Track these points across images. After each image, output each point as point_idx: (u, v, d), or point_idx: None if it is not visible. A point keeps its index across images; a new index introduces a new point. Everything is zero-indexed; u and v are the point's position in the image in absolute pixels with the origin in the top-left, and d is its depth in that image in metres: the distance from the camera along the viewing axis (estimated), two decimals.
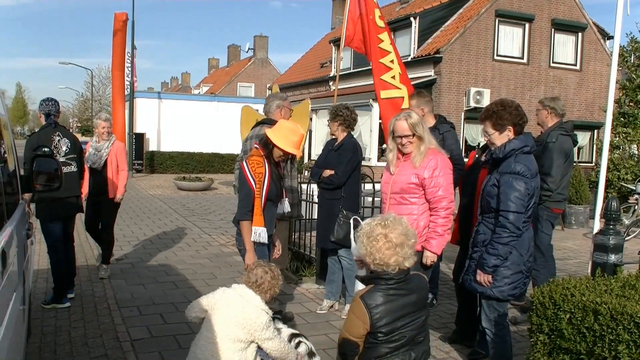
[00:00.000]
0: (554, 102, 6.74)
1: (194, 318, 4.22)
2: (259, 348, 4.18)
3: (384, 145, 5.50)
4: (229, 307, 4.12)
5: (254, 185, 4.80)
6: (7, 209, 3.56)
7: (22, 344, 3.78)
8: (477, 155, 5.63)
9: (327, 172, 6.39)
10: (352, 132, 6.58)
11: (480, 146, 5.80)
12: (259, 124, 6.53)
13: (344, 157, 6.35)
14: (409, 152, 4.79)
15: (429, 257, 4.78)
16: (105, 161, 7.78)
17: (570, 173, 6.75)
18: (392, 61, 8.37)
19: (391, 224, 3.11)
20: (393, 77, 8.20)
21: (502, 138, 4.50)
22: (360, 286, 3.36)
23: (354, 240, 3.84)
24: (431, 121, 6.69)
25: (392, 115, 7.16)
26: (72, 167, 6.74)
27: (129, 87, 27.51)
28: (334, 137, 6.63)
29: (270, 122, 6.16)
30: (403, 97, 8.16)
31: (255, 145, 5.10)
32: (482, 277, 4.40)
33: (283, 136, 4.92)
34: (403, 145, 4.80)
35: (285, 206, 5.30)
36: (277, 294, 4.35)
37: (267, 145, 4.98)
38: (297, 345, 4.40)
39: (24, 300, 4.22)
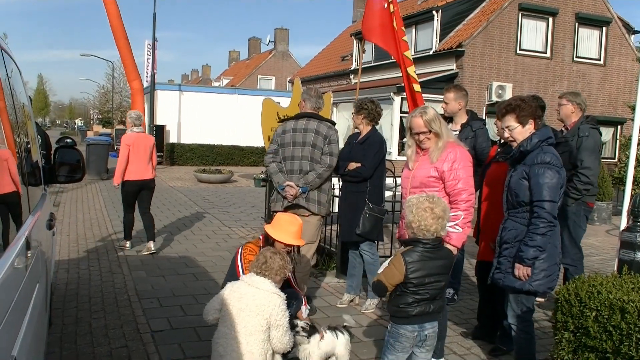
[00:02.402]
0: (578, 97, 6.69)
1: (213, 320, 4.24)
2: None
3: (405, 139, 5.49)
4: (241, 299, 4.13)
5: (241, 273, 4.78)
6: (30, 199, 3.58)
7: (44, 335, 3.80)
8: (499, 150, 5.59)
9: (353, 165, 6.36)
10: (376, 126, 6.54)
11: (501, 142, 5.73)
12: (285, 120, 6.50)
13: (371, 150, 6.34)
14: (427, 147, 4.76)
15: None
16: None
17: (601, 165, 6.72)
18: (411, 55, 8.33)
19: (436, 201, 3.79)
20: (414, 72, 8.14)
21: (524, 132, 4.48)
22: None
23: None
24: (464, 117, 6.66)
25: None
26: None
27: (149, 79, 27.66)
28: (357, 130, 6.60)
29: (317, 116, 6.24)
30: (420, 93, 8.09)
31: (261, 241, 5.11)
32: (522, 271, 4.34)
33: (282, 229, 4.95)
34: (421, 141, 4.77)
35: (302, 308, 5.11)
36: (286, 276, 4.37)
37: (267, 239, 5.01)
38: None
39: (47, 291, 4.25)
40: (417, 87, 7.94)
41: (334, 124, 6.32)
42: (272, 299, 4.10)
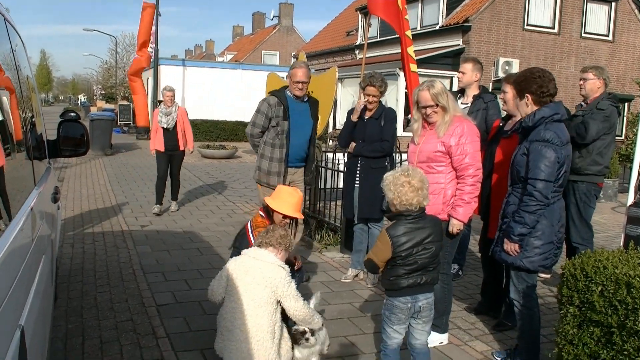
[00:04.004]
0: (605, 72, 6.51)
1: (221, 300, 4.27)
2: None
3: (409, 116, 5.50)
4: (247, 272, 4.16)
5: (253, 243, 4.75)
6: (35, 172, 3.59)
7: (50, 307, 3.83)
8: (500, 124, 5.56)
9: (352, 145, 6.43)
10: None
11: (504, 116, 5.72)
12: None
13: (391, 125, 6.37)
14: (434, 121, 4.75)
15: (455, 225, 4.73)
16: (175, 122, 10.21)
17: (614, 146, 6.64)
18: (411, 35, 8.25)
19: (412, 173, 3.83)
20: (413, 51, 8.07)
21: (521, 105, 4.44)
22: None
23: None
24: (476, 90, 6.67)
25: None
26: None
27: (153, 54, 27.57)
28: (367, 104, 6.45)
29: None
30: (417, 73, 8.03)
31: (261, 213, 5.10)
32: (509, 246, 4.36)
33: (281, 200, 4.95)
34: (428, 115, 4.75)
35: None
36: (290, 250, 4.40)
37: (268, 212, 5.02)
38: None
39: (52, 264, 4.28)
40: (413, 67, 7.88)
41: (272, 94, 6.70)
42: (278, 271, 4.13)
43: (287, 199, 4.98)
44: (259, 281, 4.09)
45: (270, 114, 6.49)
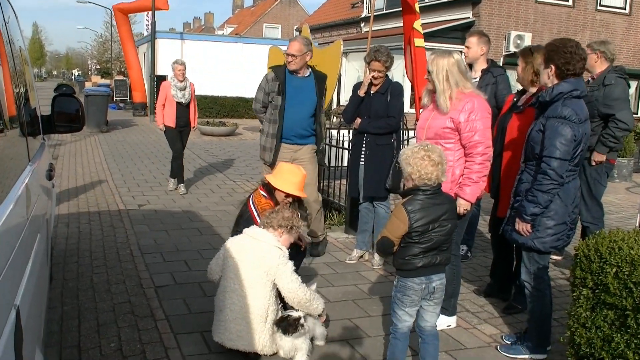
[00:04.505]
0: (604, 45, 6.58)
1: (219, 278, 4.29)
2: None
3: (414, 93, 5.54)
4: (241, 251, 4.18)
5: (259, 221, 4.71)
6: (29, 147, 3.58)
7: (45, 287, 3.85)
8: (515, 99, 5.52)
9: (358, 121, 6.40)
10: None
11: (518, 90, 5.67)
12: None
13: (398, 100, 6.35)
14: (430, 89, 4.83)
15: (462, 205, 4.70)
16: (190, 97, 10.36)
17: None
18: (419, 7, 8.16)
19: (431, 148, 3.84)
20: (421, 26, 7.99)
21: (543, 73, 4.39)
22: None
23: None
24: (484, 64, 6.66)
25: (422, 66, 7.07)
26: None
27: (149, 27, 27.45)
28: (375, 79, 6.42)
29: None
30: (424, 48, 7.95)
31: (262, 192, 5.10)
32: (521, 226, 4.35)
33: (282, 178, 4.96)
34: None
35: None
36: (293, 234, 4.39)
37: (270, 191, 5.02)
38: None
39: (48, 243, 4.29)
40: (420, 42, 7.80)
41: (271, 69, 6.81)
42: (271, 250, 4.13)
43: (288, 177, 4.97)
44: (252, 261, 4.11)
45: (267, 89, 6.58)
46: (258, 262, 4.11)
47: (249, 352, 4.20)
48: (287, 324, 4.10)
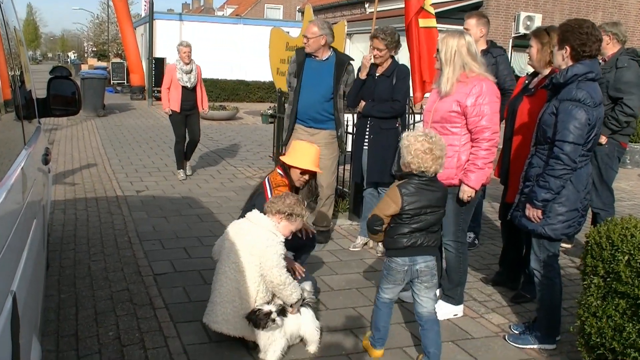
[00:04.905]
0: (615, 27, 6.56)
1: None
2: None
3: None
4: (237, 235, 4.21)
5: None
6: (25, 131, 3.58)
7: (42, 274, 3.86)
8: (526, 82, 5.49)
9: (362, 105, 6.40)
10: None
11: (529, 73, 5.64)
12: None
13: (403, 83, 6.34)
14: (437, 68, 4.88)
15: (466, 192, 4.69)
16: (197, 81, 10.28)
17: None
18: None
19: (436, 140, 3.94)
20: (431, 5, 7.92)
21: (557, 54, 4.35)
22: None
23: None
24: (484, 45, 6.64)
25: (431, 47, 7.03)
26: None
27: (147, 7, 27.35)
28: (374, 58, 6.39)
29: None
30: (437, 28, 7.87)
31: (279, 171, 5.11)
32: (532, 212, 4.33)
33: (296, 154, 4.99)
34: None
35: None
36: (293, 222, 4.38)
37: (286, 170, 5.04)
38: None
39: (44, 229, 4.30)
40: (432, 23, 7.74)
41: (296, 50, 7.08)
42: (265, 235, 4.14)
43: (302, 153, 4.98)
44: (243, 244, 4.13)
45: (290, 69, 7.03)
46: (249, 246, 4.13)
47: (234, 336, 4.20)
48: (256, 318, 4.01)
